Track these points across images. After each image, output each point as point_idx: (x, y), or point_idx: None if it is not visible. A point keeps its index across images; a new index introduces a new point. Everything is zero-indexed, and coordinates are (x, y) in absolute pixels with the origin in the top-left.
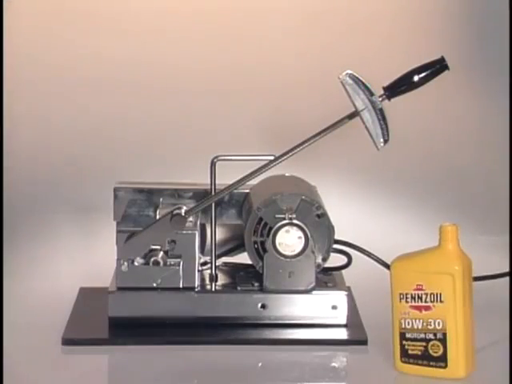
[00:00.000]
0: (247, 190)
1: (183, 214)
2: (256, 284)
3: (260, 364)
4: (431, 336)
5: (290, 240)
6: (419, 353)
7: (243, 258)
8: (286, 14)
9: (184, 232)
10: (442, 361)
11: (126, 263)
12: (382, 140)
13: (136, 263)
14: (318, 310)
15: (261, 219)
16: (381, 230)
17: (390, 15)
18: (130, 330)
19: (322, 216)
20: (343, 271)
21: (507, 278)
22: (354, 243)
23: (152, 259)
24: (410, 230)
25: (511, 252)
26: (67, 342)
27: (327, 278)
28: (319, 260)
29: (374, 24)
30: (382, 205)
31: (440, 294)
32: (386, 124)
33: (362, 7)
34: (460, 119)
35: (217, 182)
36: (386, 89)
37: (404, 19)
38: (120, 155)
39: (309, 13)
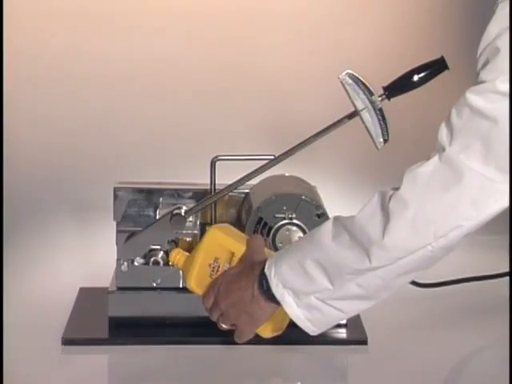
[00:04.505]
0: (247, 190)
1: (183, 214)
2: None
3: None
4: None
5: (290, 240)
6: None
7: None
8: (286, 16)
9: (184, 232)
10: None
11: (126, 263)
12: (381, 140)
13: (136, 263)
14: None
15: (261, 219)
16: None
17: (389, 15)
18: (129, 330)
19: (322, 216)
20: None
21: (507, 278)
22: None
23: (152, 259)
24: None
25: (511, 252)
26: (67, 341)
27: None
28: None
29: (374, 24)
30: None
31: None
32: (385, 124)
33: (362, 7)
34: None
35: (217, 181)
36: (385, 89)
37: (404, 19)
38: (120, 155)
39: (309, 14)
